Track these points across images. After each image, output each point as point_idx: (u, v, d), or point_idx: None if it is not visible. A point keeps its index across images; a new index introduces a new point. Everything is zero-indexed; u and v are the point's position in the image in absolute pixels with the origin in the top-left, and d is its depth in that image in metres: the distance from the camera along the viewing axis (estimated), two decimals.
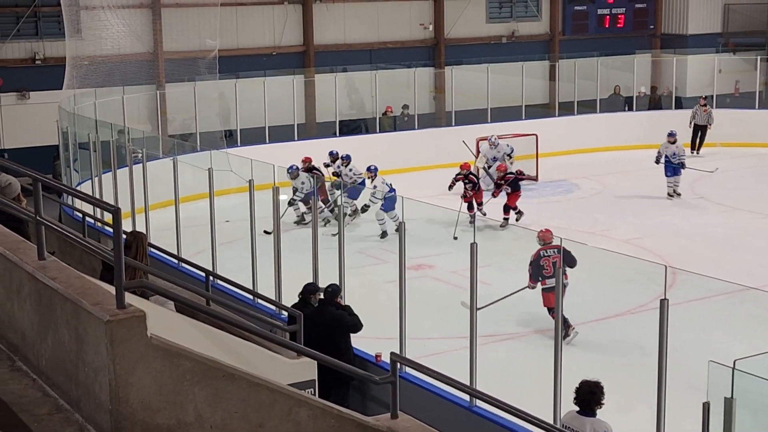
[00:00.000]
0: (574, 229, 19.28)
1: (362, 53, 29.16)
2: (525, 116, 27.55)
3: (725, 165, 26.31)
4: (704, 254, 17.75)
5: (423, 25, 30.05)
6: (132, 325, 5.10)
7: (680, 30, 33.31)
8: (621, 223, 20.14)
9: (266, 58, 27.82)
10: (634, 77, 30.16)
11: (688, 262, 16.71)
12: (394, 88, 27.99)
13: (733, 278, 15.04)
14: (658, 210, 21.34)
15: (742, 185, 23.96)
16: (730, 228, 19.88)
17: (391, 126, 27.15)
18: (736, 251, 18.00)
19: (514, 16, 31.65)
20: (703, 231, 19.63)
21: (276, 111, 25.68)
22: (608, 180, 24.53)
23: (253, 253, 13.26)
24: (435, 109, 29.62)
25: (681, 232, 19.53)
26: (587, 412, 7.65)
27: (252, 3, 27.60)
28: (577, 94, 29.01)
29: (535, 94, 30.17)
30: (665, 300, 7.92)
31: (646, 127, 28.26)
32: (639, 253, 17.13)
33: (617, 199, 22.65)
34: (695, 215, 20.97)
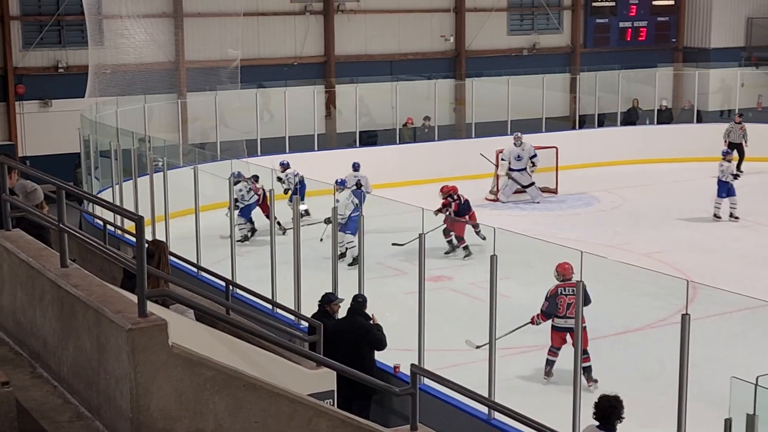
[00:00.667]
0: (593, 242, 19.21)
1: (383, 64, 29.20)
2: (545, 129, 27.51)
3: (748, 180, 26.18)
4: (725, 269, 17.66)
5: (444, 36, 30.07)
6: (153, 333, 5.12)
7: (703, 44, 33.20)
8: (641, 237, 20.06)
9: (287, 68, 27.89)
10: (655, 90, 30.06)
11: (708, 276, 16.63)
12: (415, 99, 28.01)
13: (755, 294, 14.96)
14: (678, 224, 21.24)
15: (764, 200, 23.83)
16: (751, 243, 19.76)
17: (411, 137, 27.16)
18: (758, 267, 17.90)
19: (535, 28, 31.63)
20: (724, 246, 19.53)
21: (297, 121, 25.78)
22: (628, 193, 24.44)
23: (272, 262, 13.27)
24: (455, 120, 29.60)
25: (701, 246, 19.43)
26: (607, 426, 7.61)
27: (274, 13, 27.68)
28: (597, 107, 28.96)
29: (556, 107, 30.12)
30: (687, 315, 7.88)
31: (666, 141, 28.19)
32: (659, 267, 17.05)
33: (637, 212, 22.56)
34: (716, 230, 20.85)
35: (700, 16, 33.25)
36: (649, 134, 28.90)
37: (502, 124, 27.29)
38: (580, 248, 12.56)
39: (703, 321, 14.30)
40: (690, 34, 33.55)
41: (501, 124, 27.31)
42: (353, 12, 28.64)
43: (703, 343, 12.62)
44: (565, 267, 12.57)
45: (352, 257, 16.21)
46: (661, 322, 14.00)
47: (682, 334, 7.90)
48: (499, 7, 30.74)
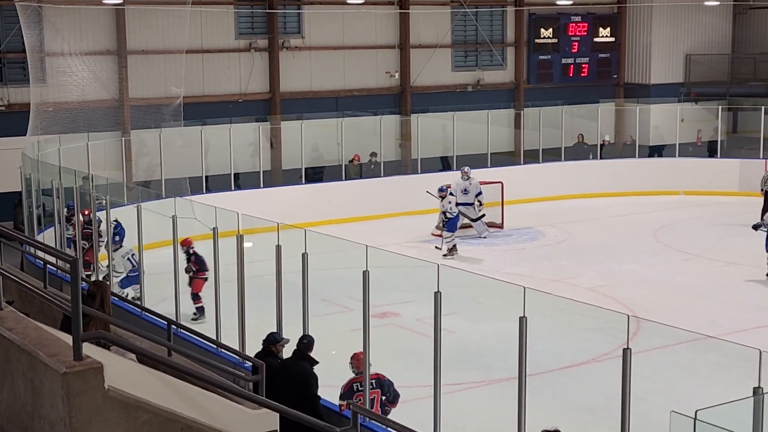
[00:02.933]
0: (539, 277, 19.34)
1: (329, 100, 29.24)
2: (491, 164, 27.71)
3: (689, 214, 26.55)
4: (668, 303, 17.83)
5: (389, 72, 30.21)
6: (89, 377, 5.04)
7: (643, 80, 33.69)
8: (586, 271, 20.22)
9: (232, 105, 27.84)
10: (598, 125, 30.45)
11: (652, 310, 16.80)
12: (361, 135, 28.08)
13: (697, 327, 15.12)
14: (623, 258, 21.43)
15: (705, 234, 24.16)
16: (693, 276, 19.99)
17: (358, 173, 27.21)
18: (700, 300, 18.10)
19: (479, 64, 31.89)
20: (667, 279, 19.73)
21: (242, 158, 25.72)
22: (573, 228, 24.66)
23: (216, 301, 13.17)
24: (401, 156, 29.71)
25: (645, 280, 19.61)
26: None
27: (218, 50, 27.66)
28: (542, 142, 29.24)
29: (501, 142, 30.37)
30: (628, 349, 7.93)
31: (610, 176, 28.52)
32: (604, 301, 17.19)
33: (582, 246, 22.75)
34: (659, 263, 21.06)
35: (640, 52, 33.76)
36: (594, 169, 29.22)
37: (447, 160, 27.46)
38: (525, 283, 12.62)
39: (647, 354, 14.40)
40: (631, 70, 34.04)
41: (447, 160, 27.49)
42: (298, 49, 28.69)
43: (648, 376, 12.71)
44: (359, 358, 10.88)
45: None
46: (605, 356, 14.08)
47: (624, 368, 7.93)
48: (444, 44, 30.97)
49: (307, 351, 10.63)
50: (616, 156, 30.40)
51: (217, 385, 7.40)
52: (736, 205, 27.63)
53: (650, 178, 28.45)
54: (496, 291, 15.56)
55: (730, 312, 17.13)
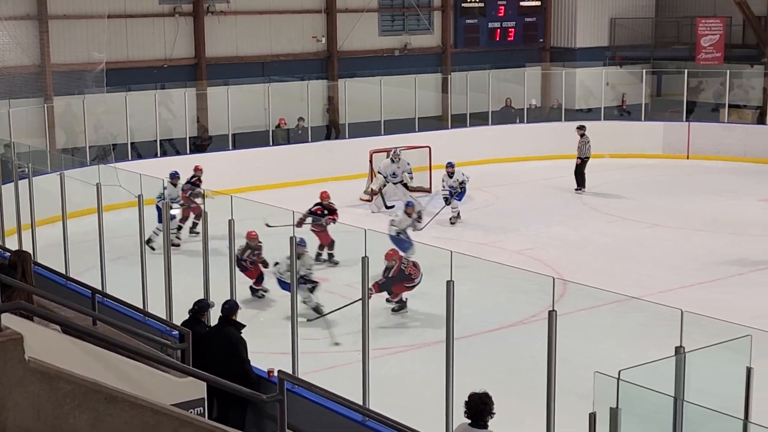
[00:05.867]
0: (466, 241, 19.47)
1: (255, 66, 28.97)
2: (418, 128, 27.73)
3: (614, 176, 26.88)
4: (594, 264, 18.07)
5: (316, 37, 30.02)
6: (8, 348, 4.95)
7: (569, 44, 33.93)
8: (513, 234, 20.38)
9: (157, 71, 27.46)
10: (524, 90, 30.61)
11: (578, 272, 17.01)
12: (288, 100, 27.90)
13: (622, 288, 15.33)
14: (550, 221, 21.64)
15: (630, 196, 24.49)
16: (618, 238, 20.26)
17: (285, 139, 27.06)
18: (625, 261, 18.36)
19: (406, 29, 31.83)
20: (593, 241, 19.98)
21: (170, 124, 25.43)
22: (500, 191, 24.82)
23: (143, 269, 13.03)
24: (328, 121, 29.59)
25: (571, 242, 19.84)
26: (479, 423, 7.66)
27: (141, 15, 27.20)
28: (469, 106, 29.33)
29: (428, 106, 30.41)
30: (553, 311, 8.01)
31: (537, 139, 28.72)
32: (531, 264, 17.35)
33: (509, 210, 22.92)
34: (585, 226, 21.31)
35: (566, 16, 33.97)
36: (521, 133, 29.42)
37: (375, 125, 27.42)
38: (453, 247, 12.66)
39: (573, 316, 14.57)
40: (557, 34, 34.25)
41: (375, 125, 27.45)
42: (223, 13, 28.35)
43: (572, 337, 12.86)
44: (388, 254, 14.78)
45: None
46: (533, 318, 14.21)
47: (549, 329, 8.02)
48: (370, 8, 30.84)
49: (230, 315, 10.55)
50: (543, 120, 30.61)
51: (142, 354, 7.34)
52: (660, 168, 28.07)
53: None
54: (423, 255, 15.63)
55: (654, 273, 17.41)
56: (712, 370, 9.55)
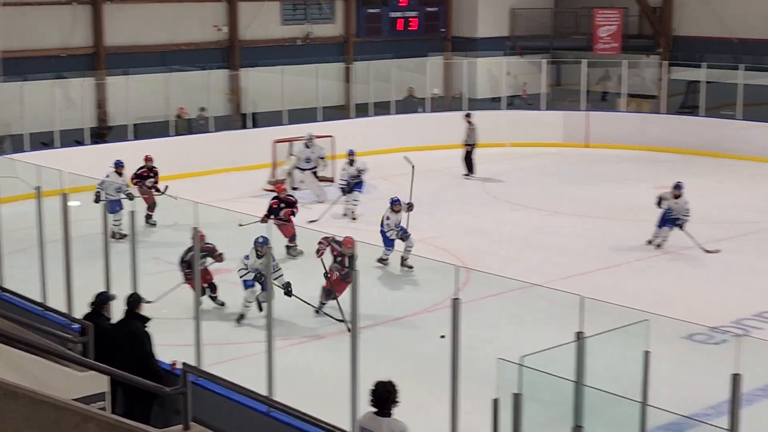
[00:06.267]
0: (371, 230, 19.49)
1: (155, 55, 28.57)
2: (321, 118, 27.69)
3: (515, 165, 27.21)
4: (497, 252, 18.27)
5: (217, 26, 29.72)
6: None
7: (470, 33, 34.17)
8: (417, 223, 20.43)
9: (55, 60, 26.89)
10: (427, 79, 30.77)
11: (481, 259, 17.20)
12: (189, 90, 27.60)
13: (525, 275, 15.56)
14: (453, 209, 21.82)
15: (532, 184, 24.83)
16: (521, 226, 20.52)
17: (187, 129, 26.77)
18: (527, 248, 18.61)
19: (308, 18, 31.70)
20: (496, 229, 20.20)
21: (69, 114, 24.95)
22: (404, 180, 24.88)
23: (42, 262, 12.76)
24: (231, 111, 29.35)
25: (475, 231, 20.02)
26: (383, 412, 7.70)
27: (38, 3, 26.60)
28: (372, 95, 29.38)
29: (331, 96, 30.38)
30: (457, 299, 8.08)
31: (439, 129, 28.88)
32: (435, 252, 17.48)
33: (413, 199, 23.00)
34: (488, 214, 21.53)
35: (467, 6, 34.20)
36: (424, 122, 29.57)
37: (278, 114, 27.31)
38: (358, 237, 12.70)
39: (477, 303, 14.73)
40: (458, 24, 34.47)
41: (277, 114, 27.33)
42: (123, 1, 27.89)
43: (476, 325, 12.98)
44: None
45: None
46: (437, 306, 14.31)
47: (453, 317, 8.08)
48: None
49: (134, 309, 10.41)
50: (446, 109, 30.80)
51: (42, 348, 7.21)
52: (560, 156, 28.51)
53: (479, 130, 28.97)
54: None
55: (556, 260, 17.68)
56: (612, 355, 9.75)
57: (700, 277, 16.97)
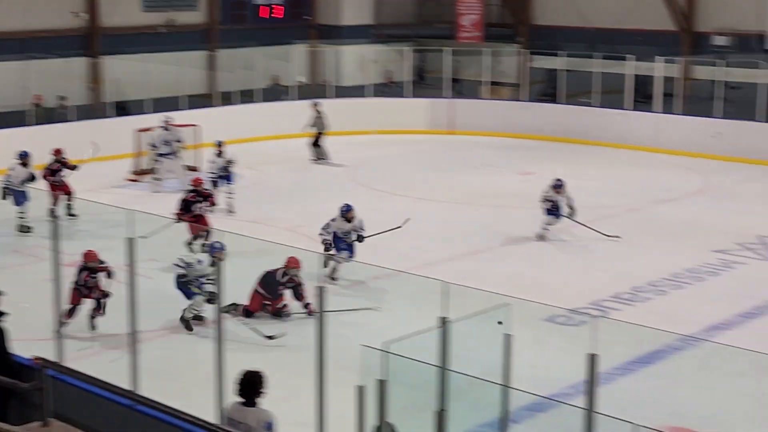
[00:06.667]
0: (237, 219, 19.39)
1: (12, 42, 27.70)
2: (186, 106, 27.33)
3: (381, 152, 27.36)
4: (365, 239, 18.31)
5: (75, 13, 28.98)
6: None
7: (335, 21, 34.17)
8: (284, 211, 20.44)
9: None
10: (292, 67, 30.69)
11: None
12: (49, 78, 26.89)
13: (391, 261, 15.71)
14: (319, 197, 21.82)
15: (397, 171, 25.04)
16: (387, 213, 20.61)
17: (46, 118, 26.09)
18: (393, 235, 18.69)
19: (170, 4, 31.21)
20: (363, 216, 20.23)
21: None
22: (270, 169, 24.84)
23: None
24: (92, 100, 28.72)
25: None
26: (249, 402, 7.68)
27: None
28: (237, 83, 29.16)
29: (196, 84, 30.02)
30: (322, 287, 8.10)
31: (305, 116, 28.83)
32: (302, 241, 17.47)
33: (279, 187, 22.97)
34: (354, 202, 21.54)
35: None
36: (289, 110, 29.45)
37: (141, 103, 26.85)
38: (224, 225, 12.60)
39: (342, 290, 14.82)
40: (323, 11, 34.43)
41: (140, 103, 26.88)
42: None
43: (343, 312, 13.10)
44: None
45: None
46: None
47: (320, 305, 8.10)
48: None
49: None
50: (312, 97, 30.74)
51: None
52: (425, 143, 28.82)
53: (344, 118, 29.06)
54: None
55: (421, 245, 17.86)
56: (475, 339, 9.93)
57: (561, 261, 17.39)
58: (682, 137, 27.43)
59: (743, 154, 26.16)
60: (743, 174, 24.76)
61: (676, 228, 19.51)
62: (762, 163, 25.58)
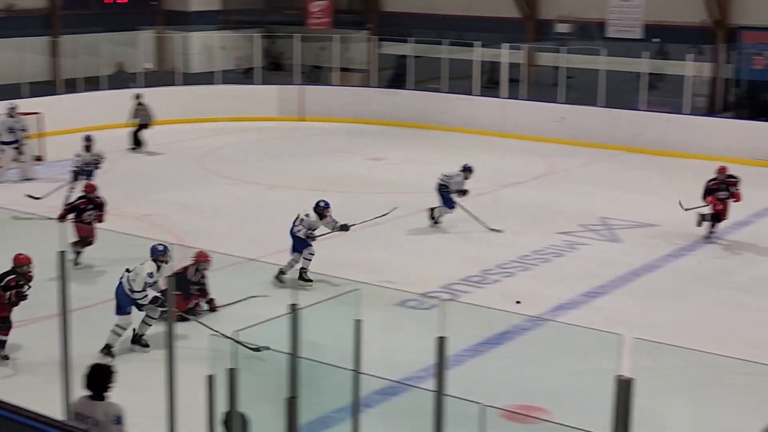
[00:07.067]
0: None
1: None
2: (27, 94, 26.51)
3: (231, 140, 27.15)
4: (216, 228, 18.20)
5: None
6: None
7: (182, 7, 33.65)
8: (133, 201, 20.06)
9: None
10: (139, 54, 30.12)
11: (201, 236, 17.09)
12: None
13: (243, 249, 15.65)
14: (168, 186, 21.55)
15: (248, 159, 24.92)
16: (238, 200, 20.55)
17: None
18: (245, 223, 18.65)
19: None
20: (214, 205, 20.11)
21: None
22: (117, 157, 24.33)
23: None
24: None
25: (192, 206, 19.84)
26: (98, 396, 7.54)
27: None
28: (81, 70, 28.45)
29: (38, 71, 29.13)
30: (172, 276, 8.01)
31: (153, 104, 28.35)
32: (152, 231, 17.25)
33: (128, 176, 22.57)
34: (205, 190, 21.39)
35: None
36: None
37: None
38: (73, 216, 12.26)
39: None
40: None
41: None
42: None
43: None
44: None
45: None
46: None
47: (168, 294, 8.01)
48: None
49: None
50: (160, 84, 30.26)
51: None
52: (276, 130, 28.74)
53: (193, 105, 28.74)
54: (32, 225, 15.12)
55: (273, 233, 17.77)
56: (327, 325, 9.98)
57: (413, 246, 17.58)
58: (528, 122, 28.09)
59: (586, 138, 26.97)
60: (586, 157, 25.52)
61: (522, 211, 19.98)
62: (604, 147, 26.41)
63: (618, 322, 12.80)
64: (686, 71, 26.72)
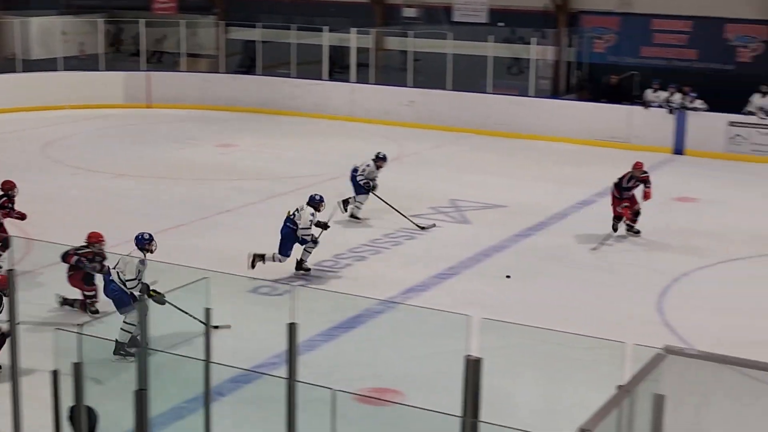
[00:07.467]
0: None
1: None
2: None
3: (76, 128, 26.47)
4: (64, 218, 17.72)
5: None
6: None
7: None
8: None
9: None
10: None
11: (49, 227, 16.60)
12: None
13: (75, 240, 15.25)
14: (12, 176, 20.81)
15: (94, 147, 24.35)
16: (85, 190, 20.07)
17: None
18: (94, 213, 18.15)
19: None
20: (60, 195, 19.59)
21: None
22: None
23: None
24: None
25: (38, 197, 19.16)
26: None
27: None
28: None
29: None
30: (12, 270, 7.79)
31: None
32: None
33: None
34: (51, 180, 20.79)
35: None
36: None
37: None
38: None
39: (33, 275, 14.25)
40: None
41: None
42: None
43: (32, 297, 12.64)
44: None
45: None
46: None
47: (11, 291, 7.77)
48: None
49: None
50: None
51: None
52: (122, 117, 28.15)
53: (34, 93, 27.91)
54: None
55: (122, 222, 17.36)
56: (178, 314, 9.86)
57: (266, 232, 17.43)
58: (377, 106, 28.25)
59: (435, 121, 27.29)
60: (436, 140, 25.82)
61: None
62: (452, 130, 26.78)
63: (468, 303, 13.04)
64: (531, 54, 27.32)
